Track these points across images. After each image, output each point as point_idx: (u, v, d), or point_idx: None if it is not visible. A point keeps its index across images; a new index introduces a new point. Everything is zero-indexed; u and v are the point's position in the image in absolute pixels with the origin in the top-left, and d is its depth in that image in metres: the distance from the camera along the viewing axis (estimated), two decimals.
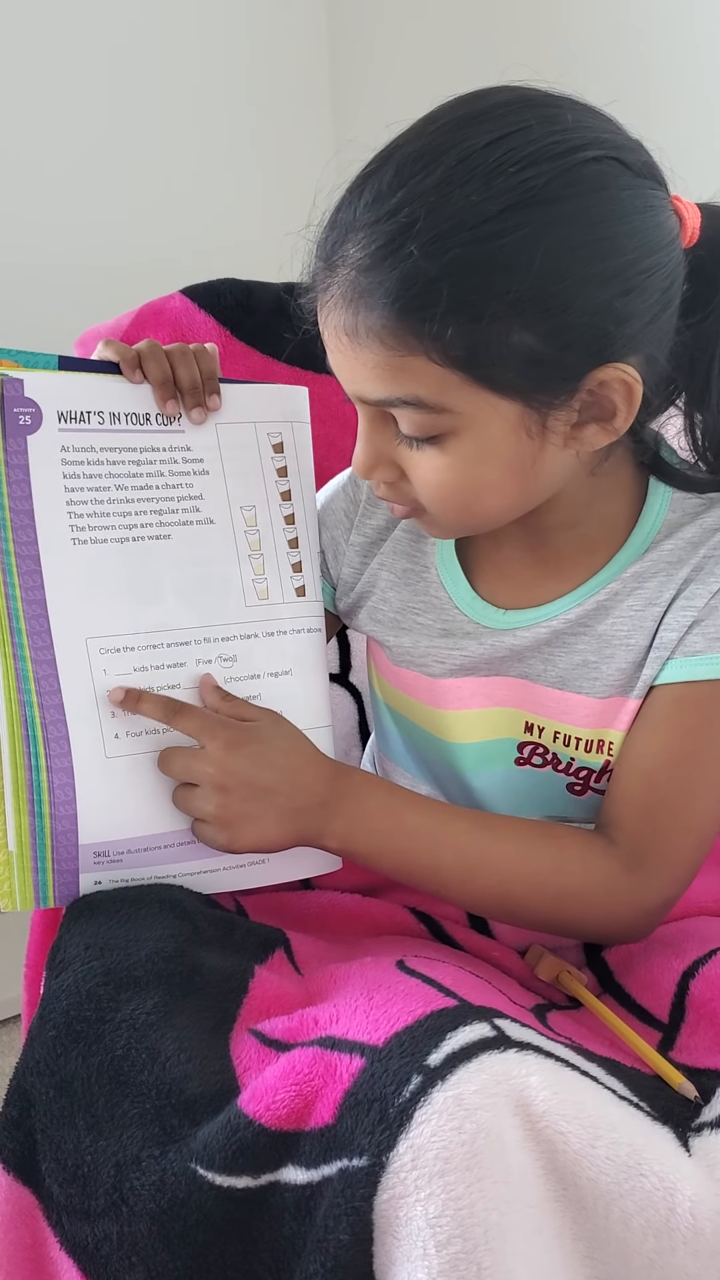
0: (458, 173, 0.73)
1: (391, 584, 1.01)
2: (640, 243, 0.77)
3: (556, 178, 0.73)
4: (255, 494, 0.98)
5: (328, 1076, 0.67)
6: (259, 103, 1.99)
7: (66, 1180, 0.71)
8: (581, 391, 0.79)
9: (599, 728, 0.94)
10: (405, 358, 0.77)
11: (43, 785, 0.88)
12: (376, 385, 0.80)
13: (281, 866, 0.96)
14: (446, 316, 0.74)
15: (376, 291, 0.76)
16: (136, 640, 0.92)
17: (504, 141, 0.74)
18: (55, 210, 1.76)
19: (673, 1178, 0.63)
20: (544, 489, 0.86)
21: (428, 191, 0.73)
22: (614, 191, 0.76)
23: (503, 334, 0.75)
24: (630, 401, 0.80)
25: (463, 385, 0.77)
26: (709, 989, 0.86)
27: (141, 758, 0.91)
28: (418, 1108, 0.62)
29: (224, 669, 0.94)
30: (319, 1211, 0.64)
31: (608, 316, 0.76)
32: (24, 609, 0.88)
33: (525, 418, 0.79)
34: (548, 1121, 0.63)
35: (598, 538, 0.93)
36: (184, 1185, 0.67)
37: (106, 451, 0.92)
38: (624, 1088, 0.71)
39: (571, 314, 0.75)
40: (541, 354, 0.76)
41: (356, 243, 0.77)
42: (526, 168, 0.73)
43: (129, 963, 0.80)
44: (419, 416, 0.79)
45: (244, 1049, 0.76)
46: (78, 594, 0.90)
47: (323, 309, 0.81)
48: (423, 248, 0.73)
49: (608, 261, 0.75)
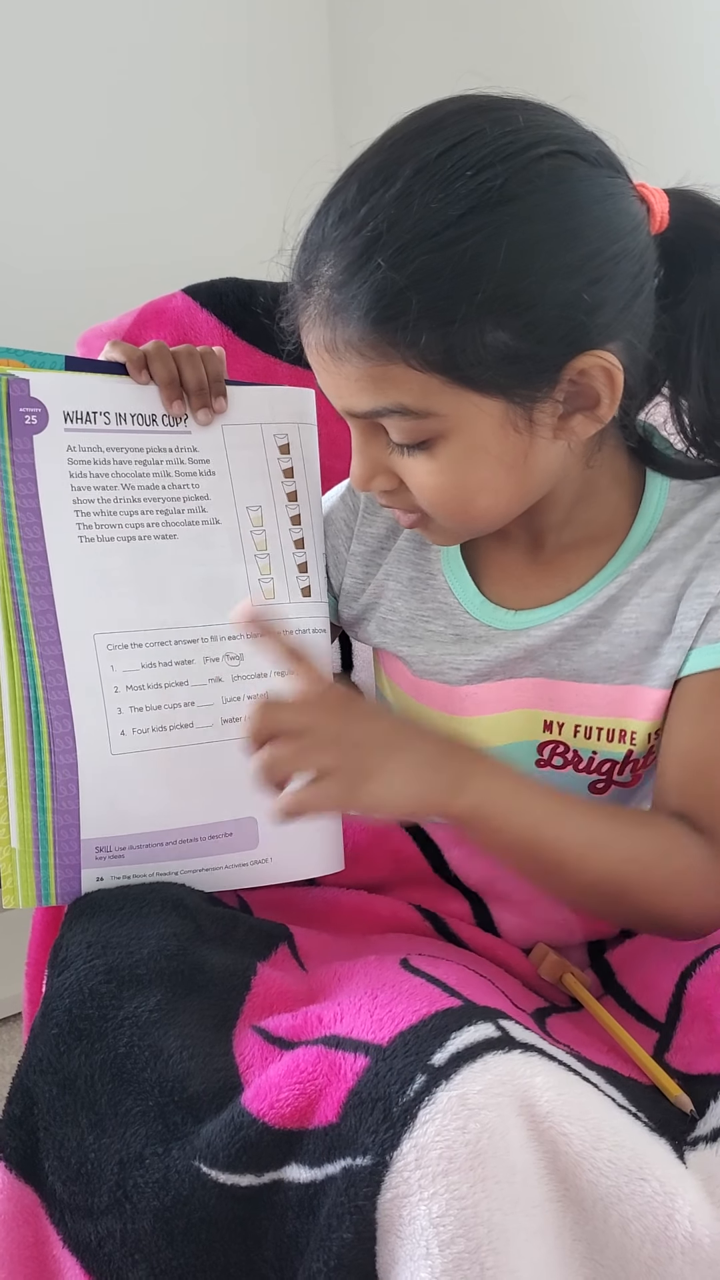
0: (416, 183, 0.75)
1: (399, 593, 1.01)
2: (603, 231, 0.78)
3: (513, 177, 0.75)
4: (261, 494, 0.98)
5: (332, 1075, 0.67)
6: (260, 102, 1.99)
7: (69, 1178, 0.72)
8: (563, 383, 0.80)
9: (619, 716, 0.94)
10: (385, 367, 0.78)
11: (46, 781, 0.89)
12: (361, 397, 0.81)
13: (284, 866, 0.97)
14: (419, 323, 0.75)
15: (350, 306, 0.77)
16: (144, 637, 0.92)
17: (458, 148, 0.75)
18: (57, 210, 1.76)
19: (673, 1185, 0.63)
20: (540, 484, 0.87)
21: (389, 204, 0.75)
22: (571, 184, 0.77)
23: (477, 334, 0.76)
24: (613, 388, 0.81)
25: (444, 388, 0.78)
26: (705, 987, 0.86)
27: (147, 754, 0.91)
28: (422, 1107, 0.63)
29: (230, 668, 0.95)
30: (322, 1210, 0.64)
31: (578, 306, 0.77)
32: (31, 604, 0.89)
33: (510, 413, 0.80)
34: (551, 1122, 0.63)
35: (600, 533, 0.94)
36: (187, 1183, 0.67)
37: (113, 451, 0.93)
38: (622, 1096, 0.71)
39: (542, 308, 0.76)
40: (517, 350, 0.77)
41: (327, 261, 0.78)
42: (482, 170, 0.74)
43: (131, 961, 0.80)
44: (406, 423, 0.80)
45: (247, 1046, 0.76)
46: (85, 591, 0.91)
47: (304, 329, 0.83)
48: (389, 259, 0.75)
49: (572, 252, 0.76)
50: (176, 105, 1.89)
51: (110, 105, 1.80)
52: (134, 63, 1.82)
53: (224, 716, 0.94)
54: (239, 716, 0.94)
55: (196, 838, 0.93)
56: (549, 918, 0.96)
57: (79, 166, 1.78)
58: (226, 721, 0.94)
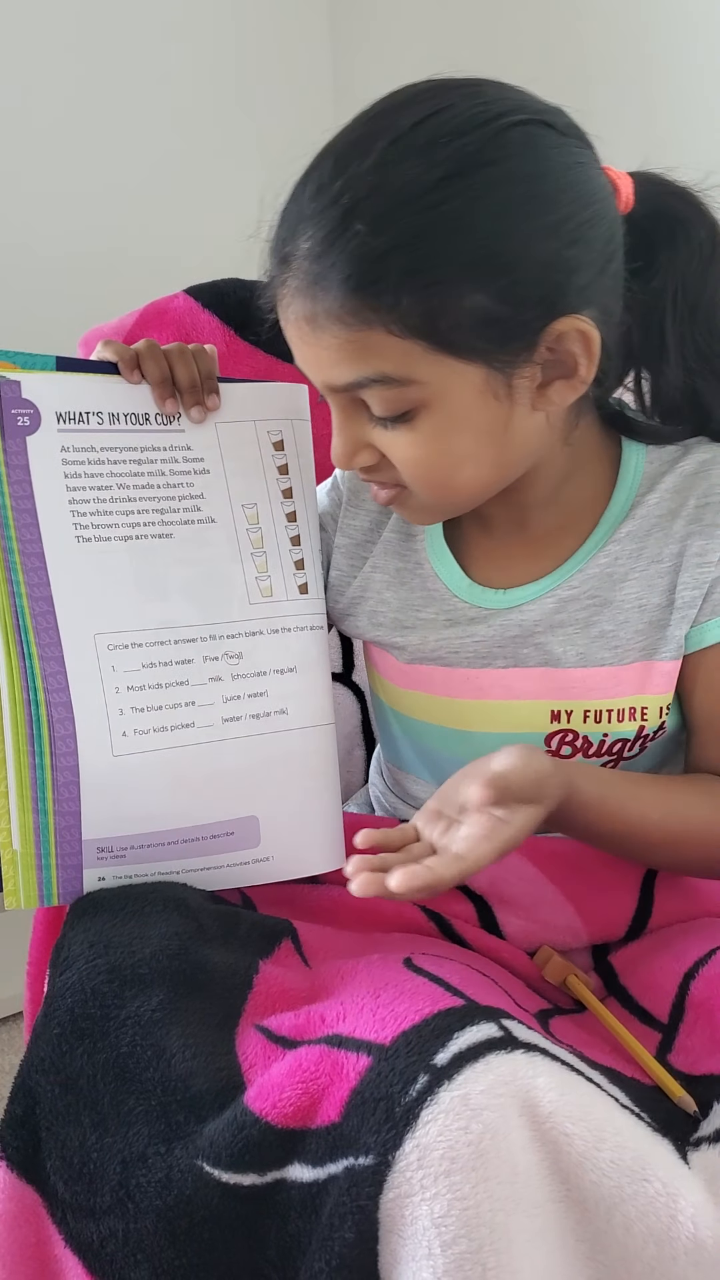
0: (392, 153, 0.76)
1: (387, 584, 1.02)
2: (576, 195, 0.80)
3: (487, 143, 0.77)
4: (256, 492, 0.98)
5: (334, 1075, 0.67)
6: (261, 101, 1.99)
7: (72, 1178, 0.72)
8: (541, 347, 0.81)
9: (630, 695, 0.95)
10: (365, 334, 0.78)
11: (47, 784, 0.89)
12: (342, 369, 0.81)
13: (286, 863, 0.97)
14: (399, 287, 0.76)
15: (330, 275, 0.78)
16: (144, 637, 0.92)
17: (431, 119, 0.77)
18: (58, 210, 1.76)
19: (676, 1186, 0.63)
20: (520, 458, 0.87)
21: (366, 173, 0.76)
22: (543, 150, 0.79)
23: (456, 297, 0.77)
24: (590, 353, 0.82)
25: (425, 354, 0.79)
26: (707, 988, 0.86)
27: (149, 755, 0.91)
28: (424, 1107, 0.63)
29: (230, 666, 0.94)
30: (324, 1210, 0.64)
31: (555, 268, 0.79)
32: (30, 606, 0.89)
33: (490, 380, 0.81)
34: (554, 1123, 0.63)
35: (582, 507, 0.95)
36: (190, 1182, 0.67)
37: (107, 451, 0.93)
38: (625, 1097, 0.71)
39: (520, 270, 0.77)
40: (496, 313, 0.78)
41: (304, 234, 0.79)
42: (456, 138, 0.76)
43: (133, 960, 0.80)
44: (387, 393, 0.81)
45: (249, 1045, 0.76)
46: (84, 591, 0.90)
47: (282, 305, 0.83)
48: (369, 224, 0.76)
49: (548, 215, 0.78)
50: (178, 105, 1.89)
51: (111, 104, 1.80)
52: (135, 62, 1.83)
53: (224, 715, 0.94)
54: (239, 715, 0.94)
55: (198, 837, 0.93)
56: (553, 921, 0.96)
57: (80, 167, 1.78)
58: (227, 720, 0.94)
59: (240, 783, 0.94)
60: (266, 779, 0.95)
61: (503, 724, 0.98)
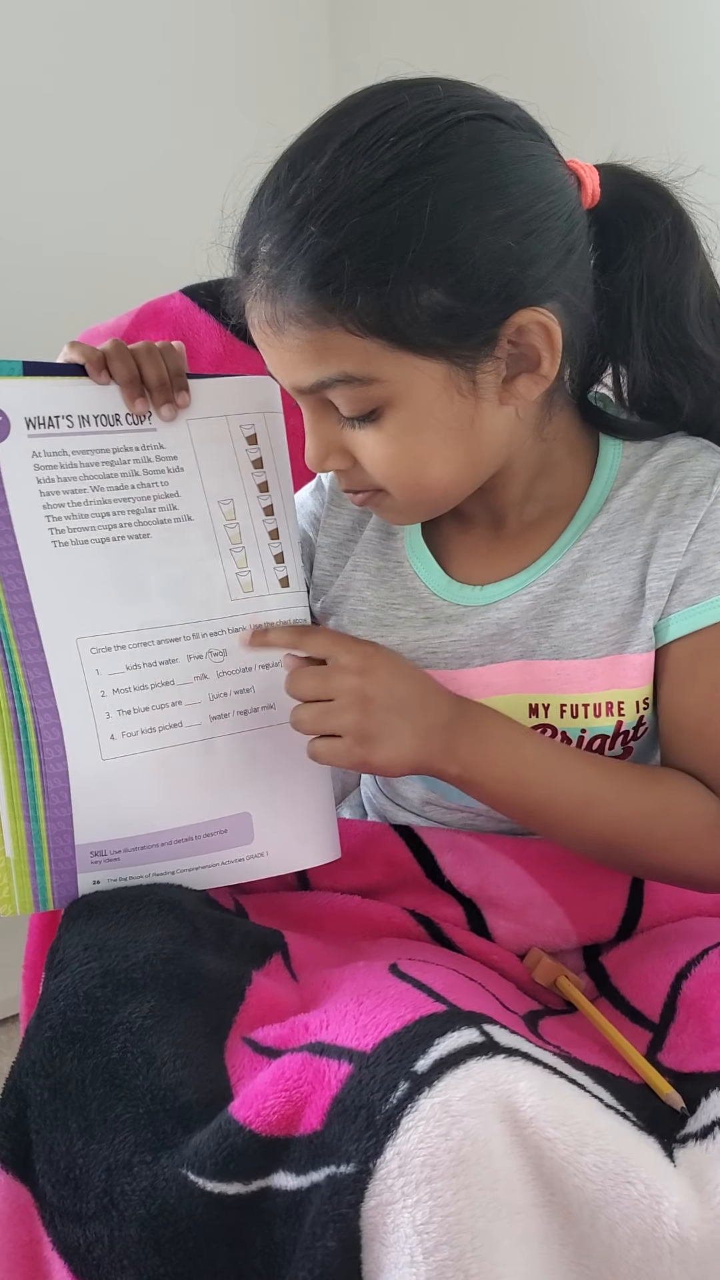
0: (343, 154, 0.78)
1: (367, 583, 1.02)
2: (528, 189, 0.80)
3: (433, 140, 0.77)
4: (232, 487, 0.97)
5: (316, 1083, 0.67)
6: (260, 102, 1.98)
7: (59, 1182, 0.72)
8: (502, 341, 0.81)
9: (605, 689, 0.94)
10: (325, 334, 0.79)
11: (37, 791, 0.88)
12: (306, 370, 0.82)
13: (281, 858, 0.97)
14: (354, 286, 0.77)
15: (287, 277, 0.79)
16: (127, 639, 0.92)
17: (380, 120, 0.78)
18: (55, 210, 1.76)
19: (659, 1186, 0.63)
20: (491, 454, 0.88)
21: (317, 175, 0.78)
22: (491, 144, 0.79)
23: (411, 294, 0.77)
24: (552, 346, 0.82)
25: (384, 352, 0.79)
26: (699, 988, 0.86)
27: (138, 757, 0.91)
28: (405, 1114, 0.63)
29: (215, 664, 0.94)
30: (307, 1218, 0.64)
31: (508, 261, 0.79)
32: (10, 613, 0.88)
33: (453, 375, 0.81)
34: (535, 1128, 0.63)
35: (559, 503, 0.96)
36: (174, 1191, 0.67)
37: (79, 454, 0.92)
38: (611, 1096, 0.71)
39: (473, 264, 0.78)
40: (452, 308, 0.78)
41: (263, 238, 0.81)
42: (403, 137, 0.77)
43: (127, 964, 0.80)
44: (351, 393, 0.81)
45: (238, 1058, 0.76)
46: (64, 596, 0.90)
47: (248, 309, 0.85)
48: (320, 226, 0.77)
49: (497, 209, 0.78)
50: (177, 103, 1.89)
51: (110, 104, 1.80)
52: (134, 62, 1.82)
53: (212, 714, 0.94)
54: (227, 712, 0.94)
55: (192, 836, 0.93)
56: (542, 923, 0.96)
57: (77, 166, 1.78)
58: (215, 718, 0.94)
59: (231, 780, 0.94)
60: (257, 775, 0.95)
61: None
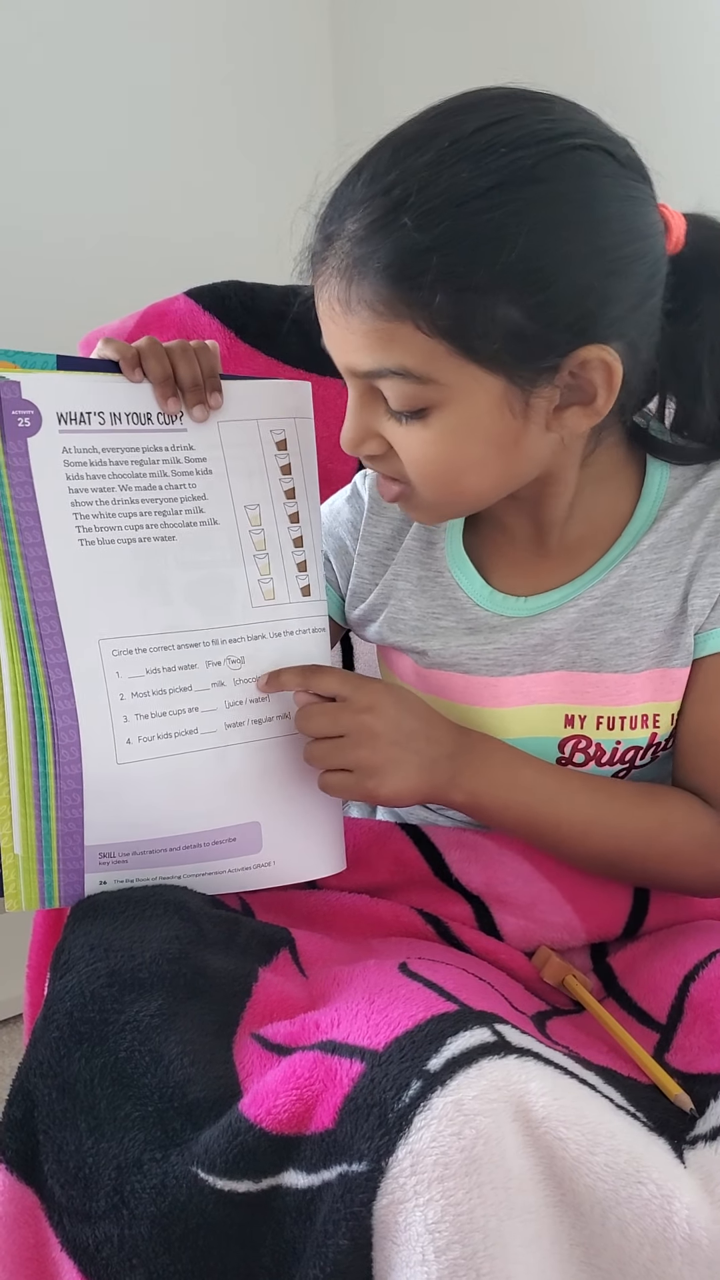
0: (449, 153, 0.77)
1: (409, 593, 1.02)
2: (624, 228, 0.80)
3: (544, 160, 0.77)
4: (259, 493, 0.97)
5: (328, 1081, 0.67)
6: (261, 104, 1.99)
7: (68, 1182, 0.72)
8: (564, 371, 0.81)
9: (643, 702, 0.95)
10: (394, 325, 0.79)
11: (50, 791, 0.88)
12: (366, 355, 0.82)
13: (288, 868, 0.96)
14: (435, 285, 0.77)
15: (370, 260, 0.79)
16: (149, 642, 0.91)
17: (494, 127, 0.78)
18: (59, 213, 1.76)
19: (670, 1187, 0.63)
20: (526, 471, 0.88)
21: (421, 169, 0.77)
22: (599, 178, 0.79)
23: (489, 306, 0.78)
24: (610, 384, 0.82)
25: (449, 356, 0.79)
26: (707, 990, 0.86)
27: (153, 763, 0.90)
28: (417, 1113, 0.63)
29: (232, 670, 0.94)
30: (319, 1216, 0.64)
31: (591, 295, 0.79)
32: (34, 611, 0.87)
33: (509, 394, 0.81)
34: (547, 1127, 0.63)
35: (603, 521, 0.96)
36: (185, 1189, 0.67)
37: (109, 452, 0.91)
38: (621, 1097, 0.71)
39: (556, 290, 0.78)
40: (526, 329, 0.78)
41: (352, 217, 0.80)
42: (515, 150, 0.77)
43: (133, 964, 0.79)
44: (406, 387, 0.82)
45: (247, 1054, 0.76)
46: (88, 595, 0.89)
47: (319, 282, 0.84)
48: (415, 219, 0.77)
49: (592, 242, 0.78)
50: (179, 107, 1.89)
51: (112, 106, 1.80)
52: (137, 64, 1.82)
53: (227, 721, 0.93)
54: (242, 721, 0.94)
55: (200, 843, 0.93)
56: (551, 920, 0.96)
57: (81, 169, 1.78)
58: (230, 726, 0.93)
59: (243, 789, 0.94)
60: (269, 785, 0.95)
61: (518, 729, 0.98)
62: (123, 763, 0.90)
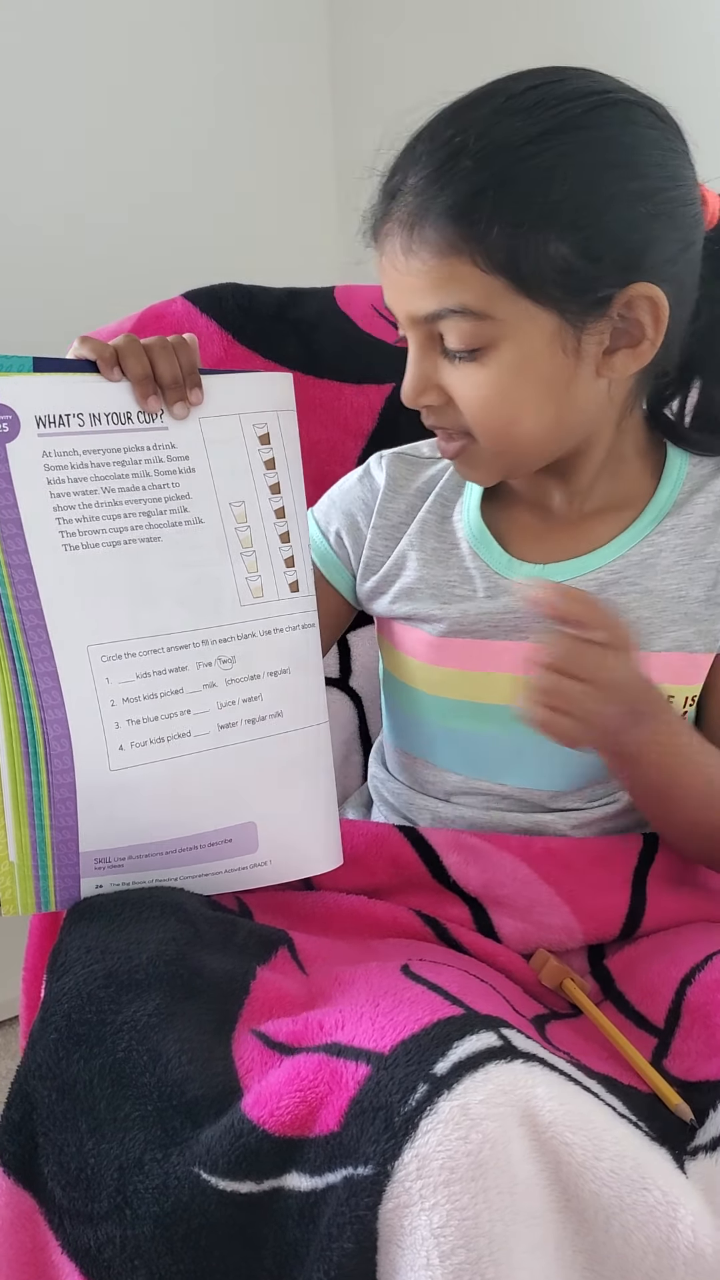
0: (504, 108, 0.85)
1: (424, 562, 1.04)
2: (664, 175, 0.86)
3: (590, 111, 0.84)
4: (244, 489, 0.95)
5: (333, 1084, 0.67)
6: (261, 105, 1.99)
7: (69, 1184, 0.71)
8: (613, 311, 0.86)
9: (677, 683, 0.97)
10: (454, 263, 0.85)
11: (43, 800, 0.87)
12: (426, 298, 0.87)
13: (284, 867, 0.96)
14: (492, 220, 0.83)
15: (432, 205, 0.85)
16: (137, 646, 0.90)
17: (544, 87, 0.85)
18: (56, 214, 1.76)
19: (675, 1195, 0.63)
20: (577, 423, 0.93)
21: (478, 121, 0.85)
22: (640, 128, 0.86)
23: (541, 242, 0.83)
24: (658, 322, 0.87)
25: (504, 292, 0.85)
26: (704, 993, 0.86)
27: (146, 768, 0.89)
28: (423, 1117, 0.62)
29: (223, 671, 0.93)
30: (323, 1219, 0.64)
31: (635, 234, 0.85)
32: (21, 620, 0.86)
33: (561, 332, 0.86)
34: (553, 1132, 0.63)
35: (619, 500, 1.00)
36: (187, 1189, 0.67)
37: (89, 454, 0.89)
38: (622, 1106, 0.71)
39: (602, 228, 0.84)
40: (575, 265, 0.84)
41: (414, 173, 0.87)
42: (563, 103, 0.84)
43: (130, 966, 0.79)
44: (465, 325, 0.86)
45: (246, 1050, 0.75)
46: (75, 601, 0.88)
47: (381, 239, 0.90)
48: (474, 161, 0.84)
49: (634, 184, 0.84)
50: (177, 107, 1.89)
51: (110, 107, 1.80)
52: (135, 66, 1.83)
53: (220, 722, 0.92)
54: (235, 721, 0.93)
55: (196, 845, 0.92)
56: (549, 922, 0.96)
57: (79, 171, 1.78)
58: (223, 727, 0.92)
59: (238, 790, 0.93)
60: (264, 784, 0.94)
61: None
62: (115, 769, 0.89)
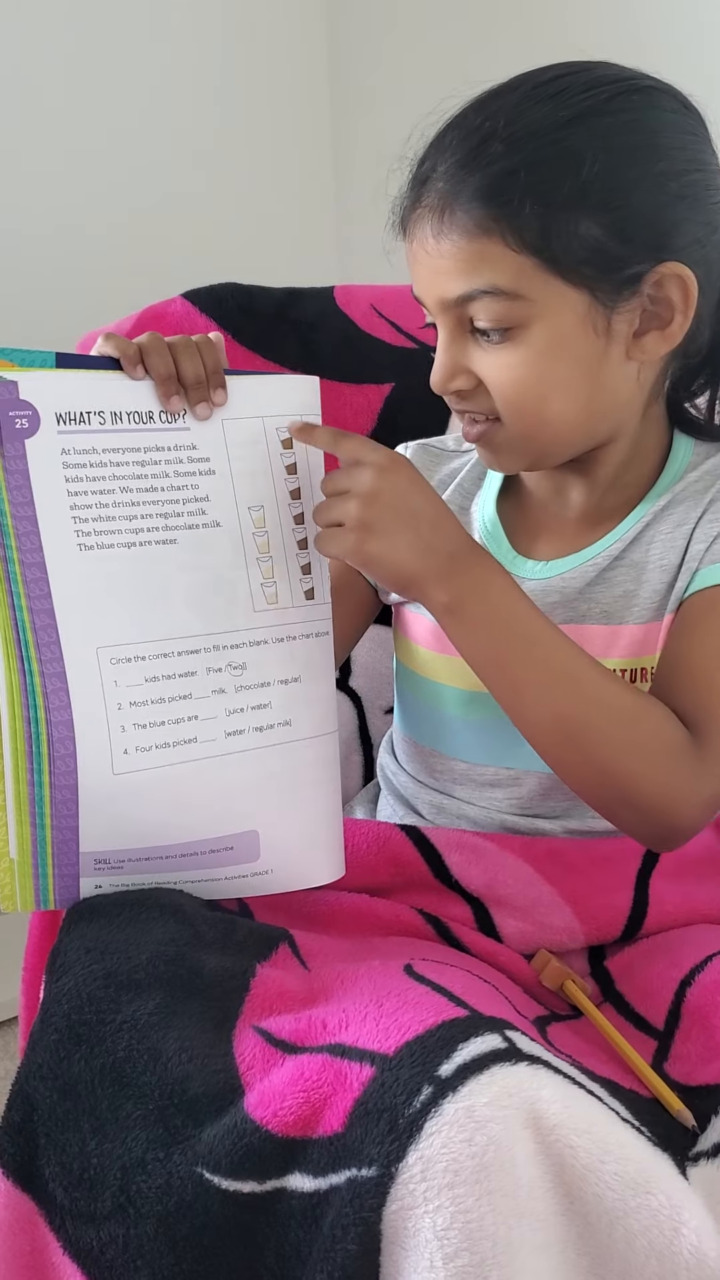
0: (531, 95, 0.87)
1: None
2: (689, 158, 0.88)
3: (616, 96, 0.86)
4: (264, 493, 0.93)
5: (337, 1084, 0.67)
6: (260, 106, 1.99)
7: (71, 1184, 0.71)
8: (643, 291, 0.87)
9: (641, 655, 0.97)
10: (485, 244, 0.86)
11: (45, 800, 0.86)
12: (457, 280, 0.88)
13: (285, 876, 0.95)
14: (523, 200, 0.84)
15: (463, 189, 0.86)
16: (148, 649, 0.88)
17: (569, 76, 0.87)
18: (56, 214, 1.76)
19: (679, 1199, 0.63)
20: (606, 409, 0.92)
21: (507, 108, 0.86)
22: (664, 113, 0.88)
23: (571, 222, 0.84)
24: (687, 303, 0.88)
25: (536, 271, 0.85)
26: (703, 995, 0.86)
27: (150, 773, 0.88)
28: (428, 1119, 0.62)
29: (233, 678, 0.91)
30: (326, 1220, 0.64)
31: (662, 215, 0.86)
32: (31, 619, 0.85)
33: (592, 312, 0.87)
34: (558, 1135, 0.63)
35: (633, 493, 1.00)
36: (190, 1189, 0.67)
37: (109, 453, 0.88)
38: (625, 1110, 0.71)
39: (629, 208, 0.85)
40: (605, 244, 0.85)
41: (445, 160, 0.88)
42: (589, 89, 0.86)
43: (129, 966, 0.79)
44: (496, 305, 0.87)
45: (247, 1047, 0.75)
46: (86, 602, 0.86)
47: (411, 226, 0.91)
48: (505, 145, 0.85)
49: (660, 166, 0.86)
50: (176, 108, 1.89)
51: (110, 107, 1.80)
52: (135, 66, 1.83)
53: (227, 729, 0.91)
54: (243, 728, 0.92)
55: (196, 851, 0.91)
56: (551, 923, 0.96)
57: (78, 171, 1.78)
58: (230, 734, 0.91)
59: (242, 798, 0.92)
60: (269, 793, 0.93)
61: None
62: (119, 773, 0.88)
